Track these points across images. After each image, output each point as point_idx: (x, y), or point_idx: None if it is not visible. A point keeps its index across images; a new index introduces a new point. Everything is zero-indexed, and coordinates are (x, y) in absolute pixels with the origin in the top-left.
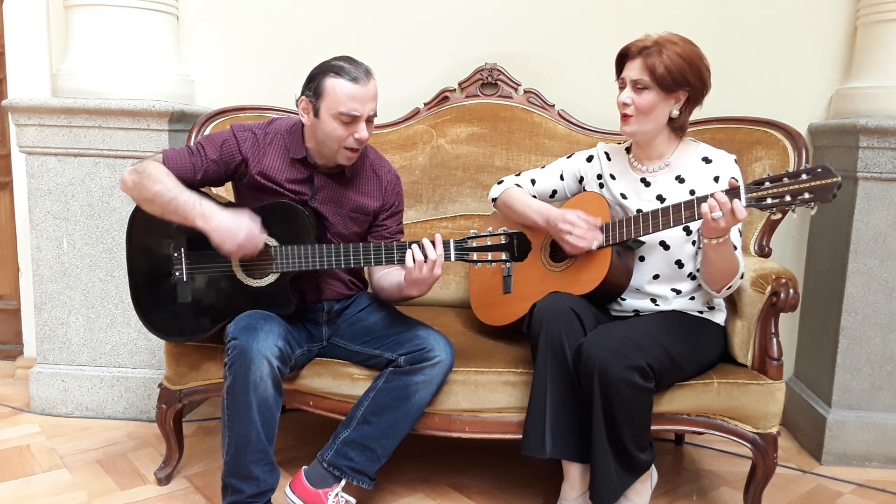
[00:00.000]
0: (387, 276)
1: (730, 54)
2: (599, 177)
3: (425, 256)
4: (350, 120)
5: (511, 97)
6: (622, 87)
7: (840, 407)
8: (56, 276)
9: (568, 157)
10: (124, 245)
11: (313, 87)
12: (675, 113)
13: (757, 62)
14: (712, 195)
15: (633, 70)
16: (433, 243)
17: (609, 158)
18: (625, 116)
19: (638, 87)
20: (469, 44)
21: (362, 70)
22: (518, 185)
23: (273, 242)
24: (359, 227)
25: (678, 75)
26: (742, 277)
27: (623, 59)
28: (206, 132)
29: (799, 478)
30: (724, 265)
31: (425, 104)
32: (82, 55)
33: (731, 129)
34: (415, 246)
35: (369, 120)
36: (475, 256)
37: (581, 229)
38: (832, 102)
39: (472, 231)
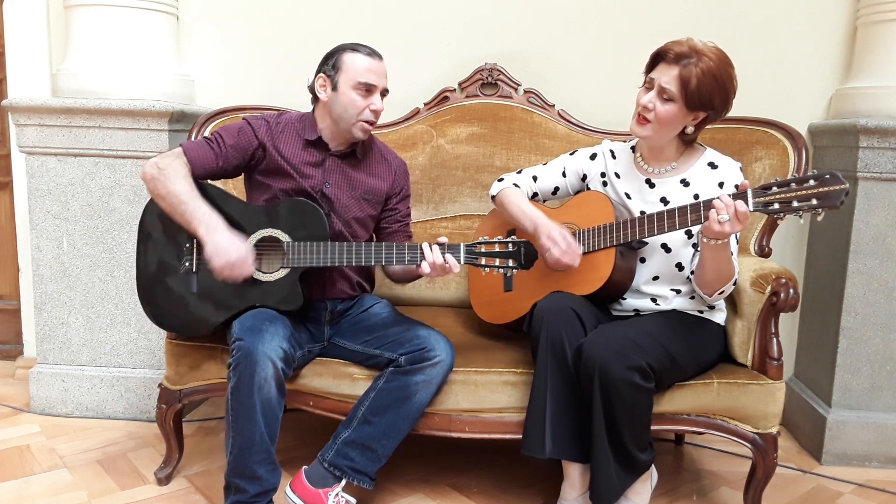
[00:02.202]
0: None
1: (730, 54)
2: (603, 175)
3: (445, 259)
4: (367, 90)
5: (511, 97)
6: (648, 87)
7: (840, 407)
8: (56, 276)
9: (571, 154)
10: (124, 245)
11: (332, 62)
12: (690, 129)
13: (757, 62)
14: (719, 197)
15: (666, 76)
16: (441, 247)
17: (614, 157)
18: (642, 118)
19: (664, 96)
20: (469, 44)
21: (374, 50)
22: (517, 185)
23: (285, 238)
24: (373, 210)
25: (706, 97)
26: (735, 284)
27: (658, 59)
28: (206, 132)
29: (799, 478)
30: (720, 268)
31: (425, 104)
32: (82, 55)
33: (731, 129)
34: (436, 248)
35: (383, 94)
36: (483, 261)
37: (559, 248)
38: (832, 102)
39: (481, 237)
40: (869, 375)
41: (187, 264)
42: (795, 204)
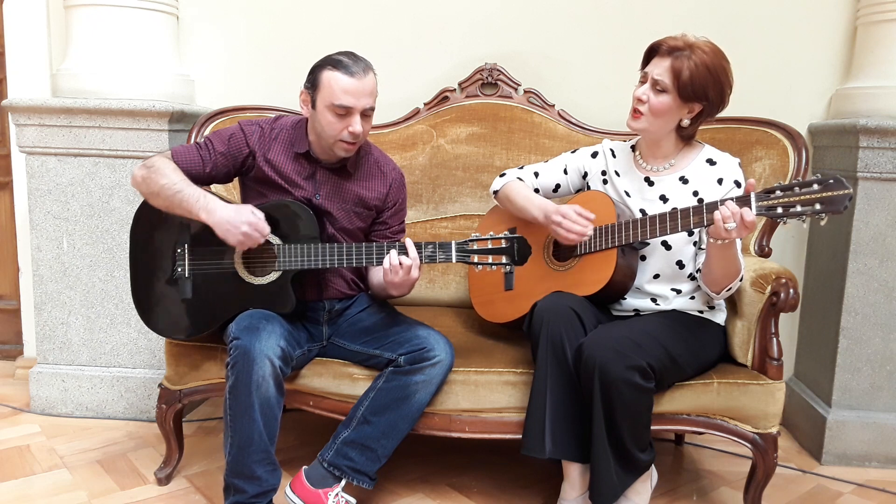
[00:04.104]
0: (377, 274)
1: (730, 54)
2: (604, 173)
3: (400, 261)
4: (344, 112)
5: (511, 97)
6: (643, 81)
7: (840, 407)
8: (56, 276)
9: (572, 152)
10: (124, 245)
11: (312, 79)
12: (686, 122)
13: (757, 62)
14: (724, 204)
15: (658, 68)
16: (406, 248)
17: (614, 155)
18: (636, 111)
19: (657, 87)
20: (469, 44)
21: (361, 65)
22: (520, 179)
23: (276, 241)
24: (362, 223)
25: (700, 88)
26: (742, 280)
27: (652, 53)
28: (206, 132)
29: (799, 478)
30: (727, 266)
31: (425, 104)
32: (82, 55)
33: (731, 129)
34: (393, 251)
35: (365, 114)
36: (476, 259)
37: (569, 221)
38: (832, 102)
39: (473, 234)
40: (869, 375)
41: (179, 270)
42: (799, 208)
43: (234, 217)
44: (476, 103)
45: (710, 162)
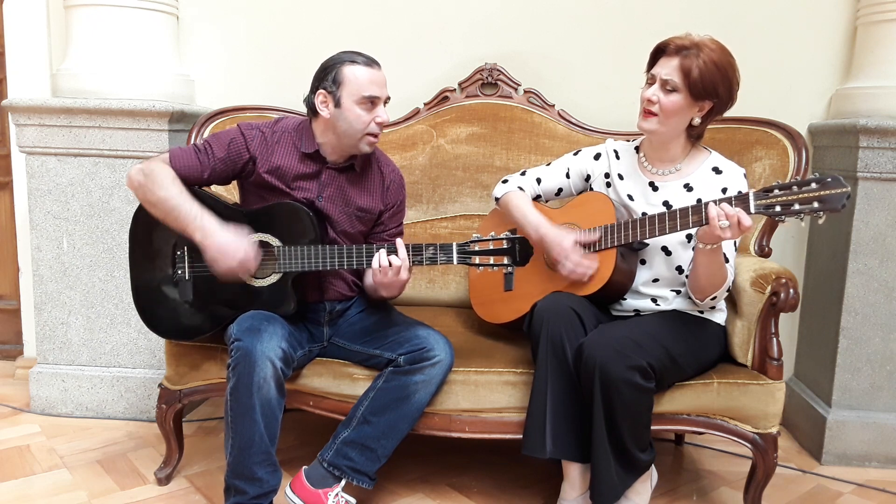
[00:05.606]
0: (369, 275)
1: None
2: (607, 175)
3: (390, 262)
4: (371, 103)
5: (511, 97)
6: (650, 83)
7: (840, 407)
8: (56, 276)
9: (575, 154)
10: (124, 245)
11: (331, 77)
12: (697, 121)
13: (757, 62)
14: (720, 203)
15: (667, 68)
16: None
17: (618, 157)
18: (647, 113)
19: (667, 87)
20: (469, 44)
21: (371, 58)
22: (521, 188)
23: (276, 242)
24: (364, 227)
25: (710, 85)
26: (728, 291)
27: (658, 54)
28: (206, 132)
29: (799, 478)
30: (712, 273)
31: (425, 104)
32: (82, 55)
33: (730, 129)
34: (382, 251)
35: (385, 103)
36: (477, 260)
37: (573, 262)
38: (832, 102)
39: (474, 235)
40: (869, 375)
41: (179, 272)
42: (797, 207)
43: (229, 246)
44: (476, 103)
45: (716, 171)
